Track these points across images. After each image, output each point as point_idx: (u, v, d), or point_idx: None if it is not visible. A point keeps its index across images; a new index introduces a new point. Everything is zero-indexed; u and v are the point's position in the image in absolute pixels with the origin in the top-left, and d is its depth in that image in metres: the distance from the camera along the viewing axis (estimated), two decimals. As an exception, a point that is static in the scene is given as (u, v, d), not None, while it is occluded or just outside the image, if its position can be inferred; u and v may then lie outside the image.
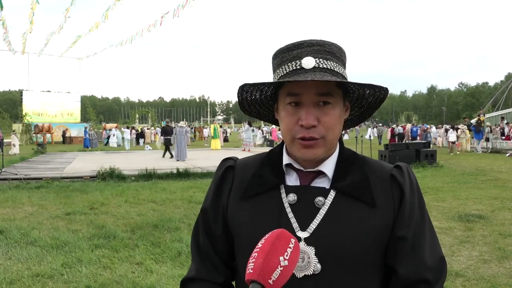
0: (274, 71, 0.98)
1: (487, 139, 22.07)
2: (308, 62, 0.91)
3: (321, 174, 0.98)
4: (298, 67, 0.92)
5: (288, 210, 0.95)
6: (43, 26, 35.74)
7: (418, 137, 27.63)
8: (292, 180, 0.99)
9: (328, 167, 0.98)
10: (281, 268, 0.78)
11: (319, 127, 0.92)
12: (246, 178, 1.03)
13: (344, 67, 0.98)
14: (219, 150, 23.02)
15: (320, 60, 0.92)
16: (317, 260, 0.91)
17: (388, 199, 0.96)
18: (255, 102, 1.05)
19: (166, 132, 18.83)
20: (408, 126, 32.88)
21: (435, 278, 0.93)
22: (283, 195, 0.97)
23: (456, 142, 21.26)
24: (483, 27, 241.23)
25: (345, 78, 0.96)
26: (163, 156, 18.35)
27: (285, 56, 0.95)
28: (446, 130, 24.79)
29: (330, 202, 0.94)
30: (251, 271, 0.78)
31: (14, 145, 22.87)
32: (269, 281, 0.77)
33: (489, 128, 22.43)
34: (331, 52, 0.94)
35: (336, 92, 0.93)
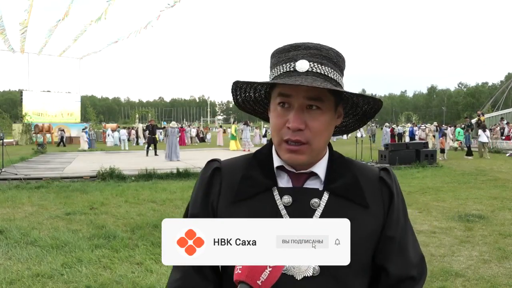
0: (270, 70, 0.98)
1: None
2: (302, 65, 0.90)
3: (313, 175, 0.98)
4: (292, 69, 0.90)
5: (284, 212, 0.94)
6: (42, 25, 35.76)
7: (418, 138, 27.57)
8: (284, 181, 0.98)
9: (320, 168, 0.98)
10: (270, 269, 0.78)
11: (306, 131, 0.91)
12: (236, 181, 0.99)
13: (341, 73, 0.96)
14: (221, 149, 22.80)
15: (315, 64, 0.90)
16: None
17: (378, 200, 0.99)
18: (249, 99, 1.05)
19: (149, 131, 19.70)
20: (423, 126, 29.48)
21: (419, 275, 1.01)
22: (277, 197, 0.95)
23: (487, 143, 18.35)
24: (483, 27, 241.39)
25: (340, 85, 0.94)
26: (147, 154, 18.64)
27: (281, 56, 0.94)
28: (483, 128, 20.20)
29: (324, 204, 0.94)
30: (240, 271, 0.78)
31: (86, 141, 25.82)
32: (257, 281, 0.77)
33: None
34: (327, 57, 0.92)
35: (327, 97, 0.92)
